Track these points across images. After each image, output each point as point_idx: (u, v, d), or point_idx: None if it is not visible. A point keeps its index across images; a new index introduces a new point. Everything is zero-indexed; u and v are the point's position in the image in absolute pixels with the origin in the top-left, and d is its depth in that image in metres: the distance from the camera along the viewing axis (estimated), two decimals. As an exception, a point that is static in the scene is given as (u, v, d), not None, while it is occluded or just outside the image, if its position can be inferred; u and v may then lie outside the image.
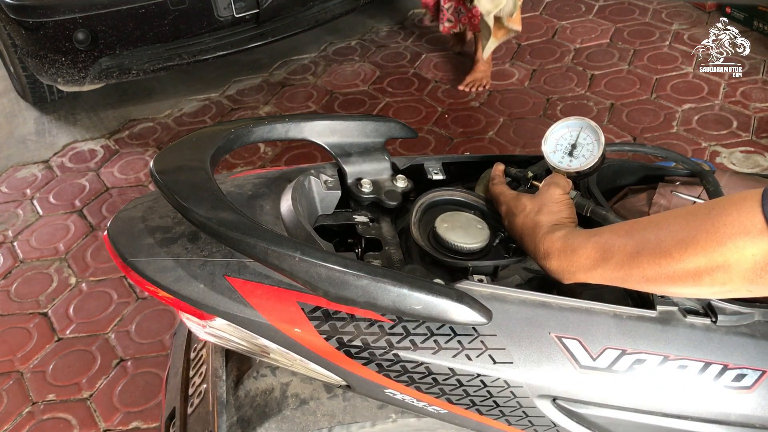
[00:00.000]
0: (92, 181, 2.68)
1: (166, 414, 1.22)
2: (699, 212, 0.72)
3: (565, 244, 0.86)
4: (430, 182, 1.16)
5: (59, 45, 2.57)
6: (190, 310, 0.89)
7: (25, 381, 1.95)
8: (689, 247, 0.71)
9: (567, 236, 0.87)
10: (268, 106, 3.02)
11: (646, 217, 0.80)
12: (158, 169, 0.88)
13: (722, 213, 0.69)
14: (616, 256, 0.79)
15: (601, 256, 0.81)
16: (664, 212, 0.79)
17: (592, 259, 0.82)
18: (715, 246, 0.69)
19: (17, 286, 2.25)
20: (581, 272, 0.84)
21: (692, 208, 0.74)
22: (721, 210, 0.69)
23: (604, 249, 0.81)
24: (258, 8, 2.78)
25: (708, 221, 0.69)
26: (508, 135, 2.68)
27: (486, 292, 0.89)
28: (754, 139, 2.52)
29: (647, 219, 0.79)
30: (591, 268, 0.82)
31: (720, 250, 0.68)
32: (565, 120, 1.06)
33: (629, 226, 0.80)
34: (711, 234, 0.69)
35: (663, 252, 0.74)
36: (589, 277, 0.84)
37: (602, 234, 0.83)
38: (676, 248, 0.72)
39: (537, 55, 3.12)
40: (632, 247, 0.77)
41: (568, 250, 0.85)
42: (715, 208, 0.70)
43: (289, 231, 0.94)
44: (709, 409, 0.86)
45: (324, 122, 1.09)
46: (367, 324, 0.86)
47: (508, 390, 0.87)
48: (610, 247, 0.80)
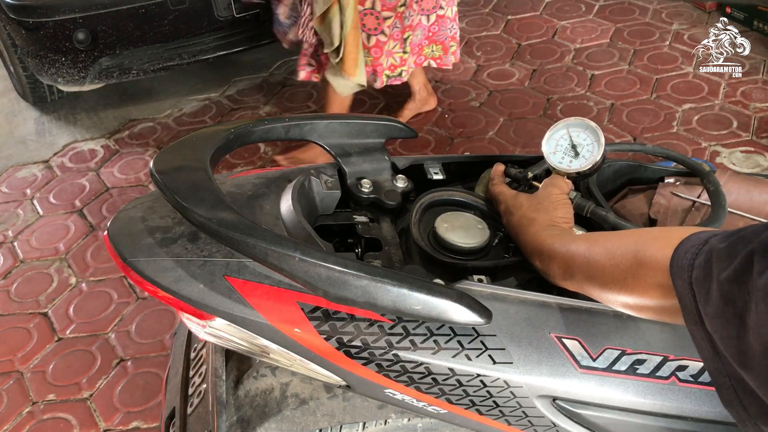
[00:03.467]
0: (92, 181, 2.67)
1: (166, 414, 1.22)
2: (629, 251, 0.74)
3: (544, 249, 0.89)
4: (430, 182, 1.16)
5: (59, 45, 2.57)
6: (190, 310, 0.89)
7: (25, 381, 1.95)
8: (623, 288, 0.75)
9: (548, 241, 0.89)
10: (268, 106, 3.02)
11: (602, 236, 0.83)
12: (158, 169, 0.88)
13: (642, 263, 0.72)
14: (576, 275, 0.83)
15: (566, 272, 0.84)
16: (615, 234, 0.83)
17: (561, 271, 0.85)
18: (640, 293, 0.73)
19: (17, 286, 2.25)
20: (557, 280, 0.88)
21: (628, 241, 0.76)
22: (642, 259, 0.72)
23: (568, 265, 0.84)
24: (258, 8, 2.78)
25: (634, 267, 0.73)
26: (508, 135, 2.68)
27: (486, 292, 0.89)
28: (755, 139, 2.52)
29: (602, 240, 0.82)
30: (562, 279, 0.86)
31: (645, 297, 0.73)
32: (565, 121, 1.06)
33: (588, 245, 0.82)
34: (636, 281, 0.73)
35: (607, 285, 0.78)
36: (564, 285, 0.87)
37: (569, 247, 0.85)
38: (615, 285, 0.76)
39: (537, 55, 3.12)
40: (586, 270, 0.81)
41: (545, 256, 0.89)
42: (639, 251, 0.73)
43: (289, 231, 0.94)
44: (708, 409, 0.86)
45: (324, 122, 1.09)
46: (367, 324, 0.86)
47: (507, 390, 0.87)
48: (572, 264, 0.83)
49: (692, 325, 0.62)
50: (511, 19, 3.40)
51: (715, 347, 0.60)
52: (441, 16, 2.42)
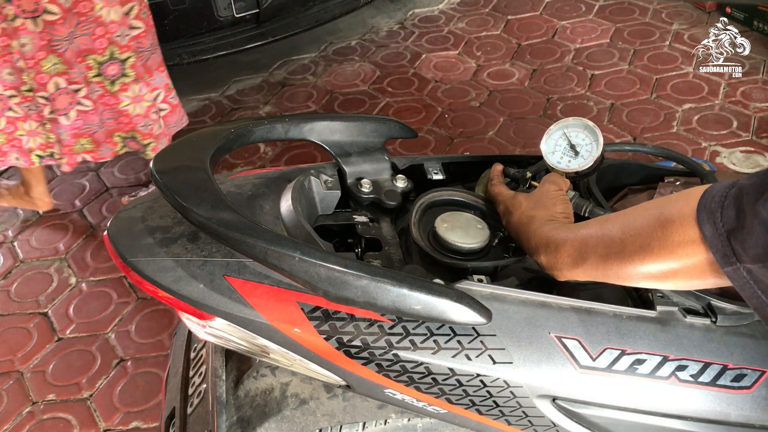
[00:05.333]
0: (92, 181, 2.68)
1: (166, 414, 1.22)
2: (651, 216, 0.73)
3: (550, 240, 0.87)
4: (430, 182, 1.16)
5: (59, 45, 2.57)
6: (190, 310, 0.89)
7: (25, 381, 1.95)
8: (647, 255, 0.73)
9: (553, 232, 0.88)
10: (268, 106, 3.02)
11: (614, 214, 0.82)
12: (158, 169, 0.88)
13: (667, 223, 0.70)
14: (590, 257, 0.81)
15: (579, 256, 0.82)
16: (629, 209, 0.80)
17: (572, 257, 0.83)
18: (667, 255, 0.71)
19: (17, 286, 2.25)
20: (566, 269, 0.85)
21: (647, 209, 0.75)
22: (667, 218, 0.71)
23: (580, 249, 0.82)
24: (258, 8, 2.78)
25: (659, 229, 0.71)
26: (508, 135, 2.68)
27: (486, 292, 0.89)
28: (755, 139, 2.52)
29: (615, 217, 0.80)
30: (572, 266, 0.84)
31: (672, 258, 0.71)
32: (564, 120, 1.06)
33: (600, 225, 0.81)
34: (662, 242, 0.71)
35: (627, 257, 0.76)
36: (573, 275, 0.85)
37: (578, 232, 0.84)
38: (637, 254, 0.74)
39: (537, 55, 3.12)
40: (602, 249, 0.79)
41: (552, 247, 0.87)
42: (663, 212, 0.71)
43: (289, 231, 0.94)
44: (708, 409, 0.86)
45: (324, 122, 1.09)
46: (367, 324, 0.86)
47: (507, 390, 0.87)
48: (585, 246, 0.81)
49: (729, 267, 0.63)
50: (511, 19, 3.40)
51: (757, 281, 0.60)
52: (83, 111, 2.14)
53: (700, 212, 0.65)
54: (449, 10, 3.57)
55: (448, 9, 3.58)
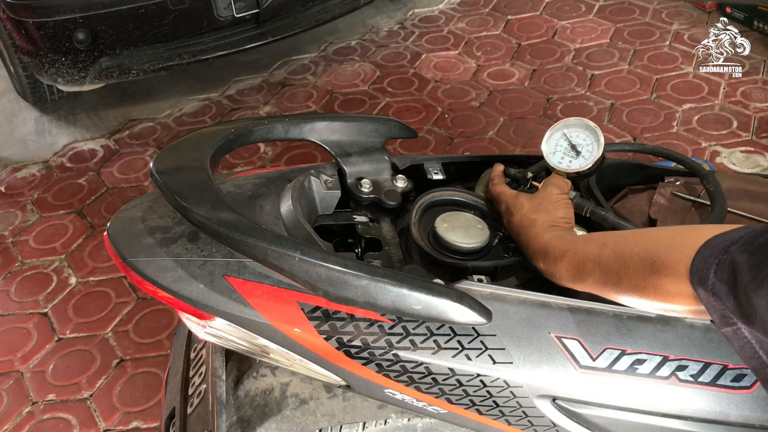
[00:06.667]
0: (92, 181, 2.67)
1: (166, 414, 1.22)
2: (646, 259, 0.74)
3: (550, 250, 0.88)
4: (430, 182, 1.16)
5: (59, 45, 2.57)
6: (190, 310, 0.89)
7: (25, 381, 1.95)
8: (642, 295, 0.75)
9: (553, 242, 0.89)
10: (268, 106, 3.02)
11: (612, 238, 0.82)
12: (158, 169, 0.88)
13: (661, 273, 0.71)
14: (588, 279, 0.82)
15: (577, 274, 0.84)
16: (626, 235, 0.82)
17: (570, 273, 0.85)
18: (662, 299, 0.73)
19: (17, 286, 2.25)
20: (564, 282, 0.87)
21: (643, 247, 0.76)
22: (660, 268, 0.72)
23: (578, 268, 0.83)
24: (258, 8, 2.78)
25: (654, 276, 0.72)
26: (508, 135, 2.68)
27: (486, 292, 0.89)
28: (755, 139, 2.52)
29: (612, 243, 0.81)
30: (570, 281, 0.86)
31: (667, 302, 0.73)
32: (564, 121, 1.06)
33: (598, 248, 0.82)
34: (657, 289, 0.72)
35: (623, 291, 0.78)
36: (571, 287, 0.86)
37: (577, 247, 0.84)
38: (632, 292, 0.76)
39: (537, 55, 3.12)
40: (599, 275, 0.80)
41: (551, 258, 0.88)
42: (657, 261, 0.72)
43: (289, 231, 0.94)
44: (708, 409, 0.86)
45: (324, 122, 1.09)
46: (367, 324, 0.86)
47: (507, 390, 0.87)
48: (582, 267, 0.83)
49: (728, 328, 0.63)
50: (511, 19, 3.40)
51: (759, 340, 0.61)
52: None
53: (693, 275, 0.66)
54: (449, 10, 3.57)
55: (448, 9, 3.58)
